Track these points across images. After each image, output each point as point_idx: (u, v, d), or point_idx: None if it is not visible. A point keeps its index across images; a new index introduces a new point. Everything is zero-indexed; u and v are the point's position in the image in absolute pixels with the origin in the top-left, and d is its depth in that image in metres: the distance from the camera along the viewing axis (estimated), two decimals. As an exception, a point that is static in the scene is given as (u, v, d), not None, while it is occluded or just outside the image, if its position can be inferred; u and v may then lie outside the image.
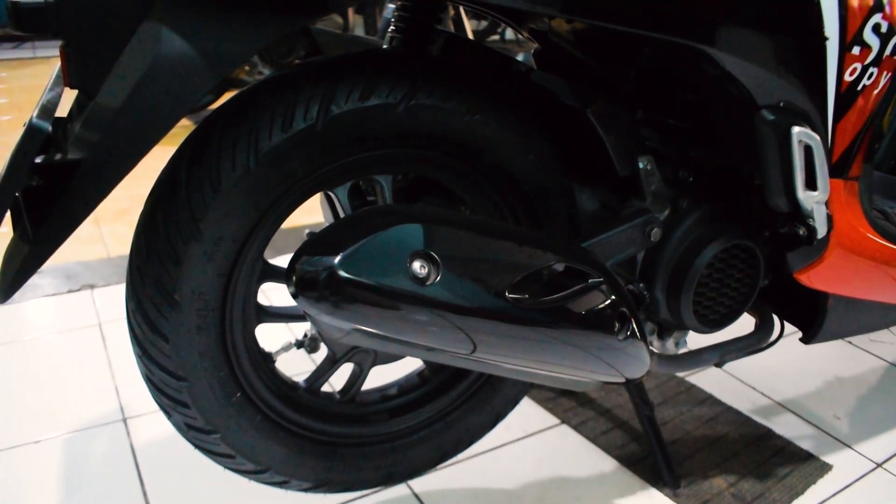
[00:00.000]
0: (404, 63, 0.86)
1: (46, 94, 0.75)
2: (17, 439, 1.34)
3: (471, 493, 1.23)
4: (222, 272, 0.83)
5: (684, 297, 1.02)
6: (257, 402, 0.94)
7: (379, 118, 0.82)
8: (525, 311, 0.77)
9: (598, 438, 1.37)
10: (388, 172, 0.93)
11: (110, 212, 2.48)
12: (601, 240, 0.96)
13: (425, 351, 0.77)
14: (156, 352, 0.83)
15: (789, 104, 0.91)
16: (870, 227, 1.07)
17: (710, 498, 1.23)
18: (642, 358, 0.91)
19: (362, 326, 0.69)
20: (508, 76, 1.02)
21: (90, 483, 1.23)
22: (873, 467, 1.33)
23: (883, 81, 0.97)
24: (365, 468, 1.06)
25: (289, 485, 1.00)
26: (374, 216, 0.73)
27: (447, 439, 1.12)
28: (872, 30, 0.91)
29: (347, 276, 0.65)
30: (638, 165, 0.99)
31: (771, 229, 1.03)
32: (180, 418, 0.89)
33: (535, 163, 0.95)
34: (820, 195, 0.95)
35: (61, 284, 1.95)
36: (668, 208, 1.02)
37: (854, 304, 1.15)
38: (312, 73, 0.81)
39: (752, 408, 1.49)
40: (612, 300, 0.85)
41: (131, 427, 1.38)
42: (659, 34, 0.82)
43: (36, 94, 0.82)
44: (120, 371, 1.55)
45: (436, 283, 0.70)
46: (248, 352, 0.92)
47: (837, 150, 0.98)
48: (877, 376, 1.64)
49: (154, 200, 0.80)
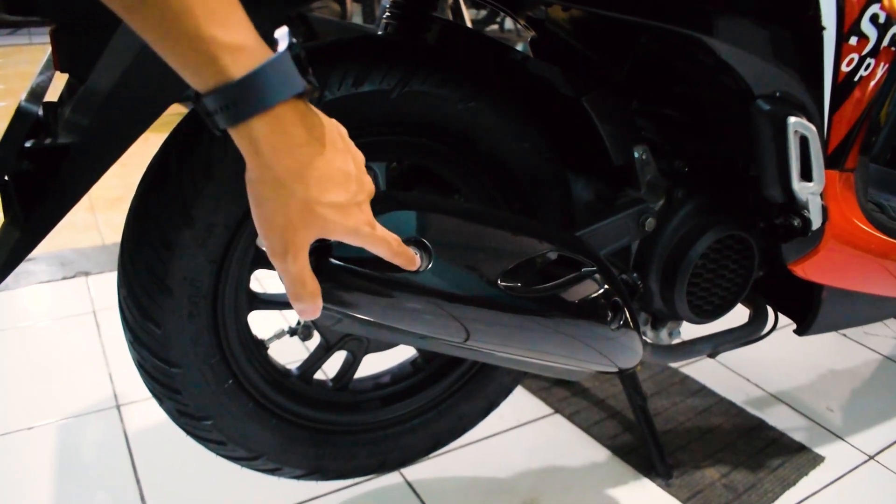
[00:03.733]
0: (398, 49, 0.85)
1: (36, 78, 0.74)
2: (10, 426, 1.34)
3: (464, 482, 1.24)
4: (214, 259, 0.82)
5: (678, 287, 1.02)
6: (249, 389, 0.93)
7: (373, 105, 0.82)
8: (518, 299, 0.77)
9: (591, 428, 1.38)
10: (382, 160, 0.92)
11: (105, 199, 2.47)
12: (595, 229, 0.96)
13: (417, 339, 0.77)
14: (147, 338, 0.83)
15: (785, 94, 0.91)
16: (865, 219, 1.07)
17: (702, 488, 1.23)
18: (635, 348, 0.91)
19: (354, 313, 0.69)
20: (504, 64, 1.02)
21: (83, 469, 1.24)
22: (865, 459, 1.34)
23: (880, 72, 0.96)
24: (358, 456, 1.06)
25: (281, 472, 1.00)
26: (367, 203, 0.73)
27: (440, 428, 1.13)
28: (870, 20, 0.91)
29: (338, 263, 0.65)
30: (633, 155, 0.98)
31: (766, 220, 1.03)
32: (172, 405, 0.89)
33: (530, 151, 0.95)
34: (815, 186, 0.95)
35: (56, 271, 1.94)
36: (662, 198, 1.02)
37: (848, 296, 1.15)
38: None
39: (746, 399, 1.49)
40: (606, 289, 0.85)
41: (125, 414, 1.38)
42: (655, 22, 0.81)
43: (32, 80, 0.82)
44: (114, 358, 1.55)
45: (427, 271, 0.69)
46: (241, 339, 0.92)
47: (833, 141, 0.98)
48: (870, 369, 1.64)
49: (146, 187, 0.80)
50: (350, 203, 0.56)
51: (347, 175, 0.56)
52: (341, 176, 0.55)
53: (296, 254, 0.55)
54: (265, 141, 0.50)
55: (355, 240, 0.59)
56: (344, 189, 0.56)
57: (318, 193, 0.53)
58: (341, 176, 0.55)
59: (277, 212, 0.53)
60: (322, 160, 0.54)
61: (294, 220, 0.54)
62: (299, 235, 0.54)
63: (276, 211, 0.53)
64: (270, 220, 0.54)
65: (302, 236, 0.55)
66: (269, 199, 0.53)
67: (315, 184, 0.53)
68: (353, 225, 0.57)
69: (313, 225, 0.55)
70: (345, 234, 0.57)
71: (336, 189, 0.55)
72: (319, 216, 0.54)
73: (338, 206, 0.55)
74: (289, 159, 0.52)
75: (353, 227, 0.57)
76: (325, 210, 0.54)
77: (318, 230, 0.55)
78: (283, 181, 0.52)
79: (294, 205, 0.53)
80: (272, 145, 0.51)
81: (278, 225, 0.54)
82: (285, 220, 0.53)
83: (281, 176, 0.52)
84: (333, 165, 0.55)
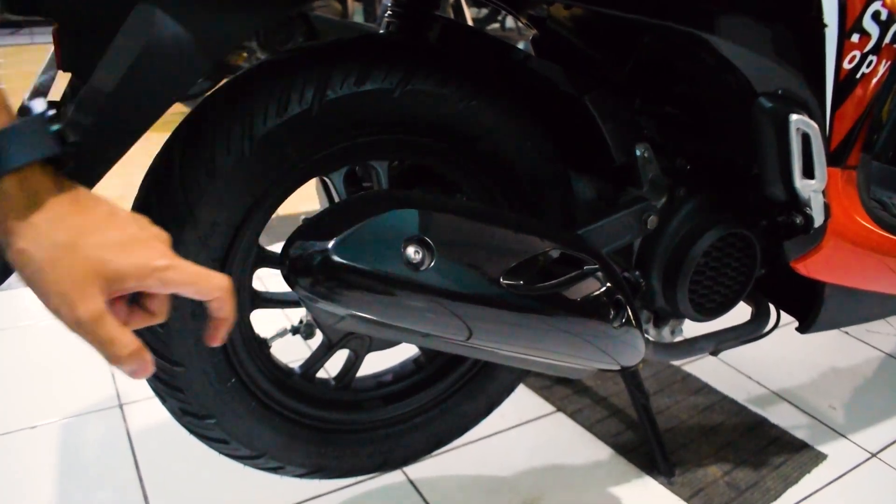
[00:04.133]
0: (400, 48, 0.85)
1: (39, 77, 0.74)
2: (13, 424, 1.34)
3: (466, 480, 1.24)
4: (217, 258, 0.82)
5: (680, 285, 1.02)
6: (252, 387, 0.93)
7: (375, 103, 0.82)
8: (520, 297, 0.77)
9: (593, 426, 1.38)
10: (383, 158, 0.92)
11: (108, 198, 2.47)
12: (597, 227, 0.96)
13: (420, 337, 0.77)
14: (150, 337, 0.83)
15: (787, 92, 0.91)
16: (867, 217, 1.06)
17: (704, 486, 1.23)
18: (637, 345, 0.91)
19: (356, 312, 0.69)
20: (505, 63, 1.02)
21: (86, 468, 1.24)
22: (868, 457, 1.33)
23: (882, 70, 0.96)
24: (360, 455, 1.06)
25: (284, 470, 1.01)
26: (369, 201, 0.73)
27: (442, 426, 1.13)
28: (872, 17, 0.91)
29: (341, 261, 0.65)
30: (635, 153, 0.98)
31: (768, 218, 1.03)
32: (175, 403, 0.89)
33: (532, 150, 0.95)
34: (817, 184, 0.95)
35: (58, 271, 1.94)
36: (664, 196, 1.01)
37: (851, 293, 1.15)
38: (308, 57, 0.80)
39: (748, 397, 1.49)
40: (608, 287, 0.85)
41: (127, 413, 1.38)
42: (657, 20, 0.81)
43: (34, 80, 0.82)
44: (116, 357, 1.55)
45: (430, 269, 0.69)
46: (243, 337, 0.92)
47: (835, 138, 0.98)
48: (873, 367, 1.64)
49: (148, 185, 0.80)
50: (131, 240, 0.51)
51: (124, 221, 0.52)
52: (115, 219, 0.52)
53: (88, 308, 0.48)
54: (14, 199, 0.48)
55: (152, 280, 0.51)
56: (118, 230, 0.51)
57: (81, 235, 0.49)
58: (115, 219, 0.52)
59: (43, 270, 0.48)
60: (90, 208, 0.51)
61: (63, 269, 0.48)
62: (77, 284, 0.48)
63: (41, 270, 0.48)
64: (42, 286, 0.49)
65: (81, 284, 0.48)
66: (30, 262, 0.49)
67: (78, 228, 0.49)
68: (139, 262, 0.50)
69: (86, 268, 0.49)
70: (136, 273, 0.50)
71: (107, 230, 0.50)
72: (91, 258, 0.49)
73: (111, 244, 0.50)
74: (42, 213, 0.48)
75: (140, 264, 0.50)
76: (96, 250, 0.49)
77: (97, 275, 0.49)
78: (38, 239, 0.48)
79: (58, 255, 0.48)
80: (21, 202, 0.48)
81: (51, 283, 0.48)
82: (54, 273, 0.48)
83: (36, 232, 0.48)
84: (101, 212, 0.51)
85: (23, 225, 0.48)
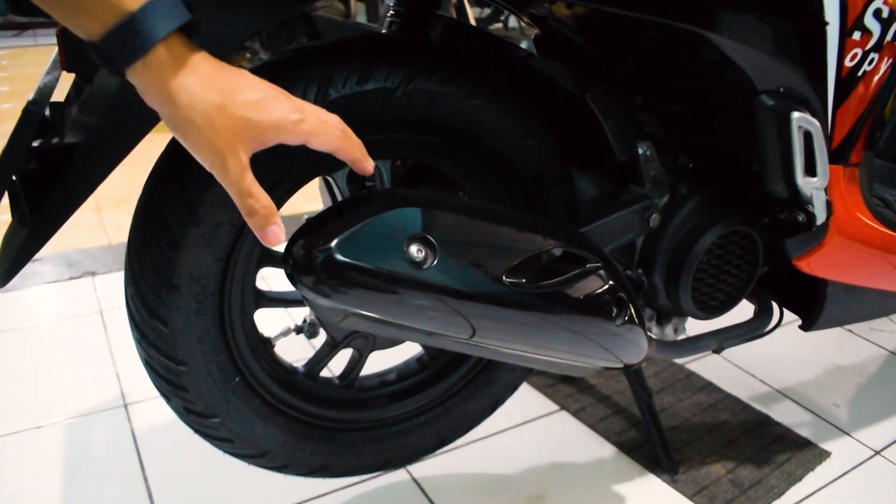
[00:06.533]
0: (402, 47, 0.85)
1: (43, 78, 0.75)
2: (19, 425, 1.35)
3: (470, 479, 1.24)
4: (220, 257, 0.83)
5: (683, 283, 1.02)
6: (256, 386, 0.94)
7: (377, 102, 0.82)
8: (522, 295, 0.77)
9: (597, 425, 1.38)
10: (386, 157, 0.93)
11: (111, 199, 2.48)
12: (599, 225, 0.96)
13: (423, 335, 0.77)
14: (154, 336, 0.83)
15: (789, 89, 0.91)
16: (869, 214, 1.06)
17: (708, 484, 1.23)
18: (640, 343, 0.91)
19: (359, 310, 0.69)
20: (508, 61, 1.02)
21: (91, 468, 1.24)
22: (871, 455, 1.33)
23: (884, 67, 0.96)
24: (364, 453, 1.06)
25: (288, 469, 1.01)
26: (371, 200, 0.73)
27: (446, 425, 1.13)
28: (873, 15, 0.91)
29: (344, 260, 0.65)
30: (637, 151, 0.98)
31: (770, 215, 1.03)
32: (180, 402, 0.89)
33: (534, 148, 0.95)
34: (819, 181, 0.95)
35: (62, 272, 1.95)
36: (666, 194, 1.02)
37: (853, 291, 1.15)
38: (310, 57, 0.80)
39: (751, 395, 1.49)
40: (610, 285, 0.85)
41: (132, 413, 1.38)
42: (659, 18, 0.81)
43: (39, 80, 0.83)
44: (121, 357, 1.56)
45: (433, 267, 0.70)
46: (247, 336, 0.92)
47: (837, 136, 0.98)
48: (876, 364, 1.64)
49: (152, 185, 0.80)
50: (266, 97, 0.57)
51: (253, 80, 0.58)
52: (248, 79, 0.58)
53: (236, 164, 0.56)
54: (168, 67, 0.53)
55: (290, 134, 0.59)
56: (254, 88, 0.57)
57: (228, 96, 0.55)
58: (248, 79, 0.58)
59: (201, 129, 0.55)
60: (225, 70, 0.56)
61: (218, 128, 0.55)
62: (229, 142, 0.56)
63: (200, 128, 0.55)
64: (198, 142, 0.56)
65: (231, 142, 0.56)
66: (189, 123, 0.55)
67: (224, 90, 0.55)
68: (278, 117, 0.57)
69: (235, 127, 0.56)
70: (274, 130, 0.58)
71: (246, 90, 0.57)
72: (239, 117, 0.55)
73: (252, 103, 0.56)
74: (192, 77, 0.54)
75: (279, 120, 0.57)
76: (241, 110, 0.56)
77: (244, 133, 0.56)
78: (193, 101, 0.54)
79: (212, 115, 0.55)
80: (174, 69, 0.53)
81: (206, 140, 0.55)
82: (210, 132, 0.55)
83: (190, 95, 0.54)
84: (235, 73, 0.57)
85: (179, 89, 0.54)
